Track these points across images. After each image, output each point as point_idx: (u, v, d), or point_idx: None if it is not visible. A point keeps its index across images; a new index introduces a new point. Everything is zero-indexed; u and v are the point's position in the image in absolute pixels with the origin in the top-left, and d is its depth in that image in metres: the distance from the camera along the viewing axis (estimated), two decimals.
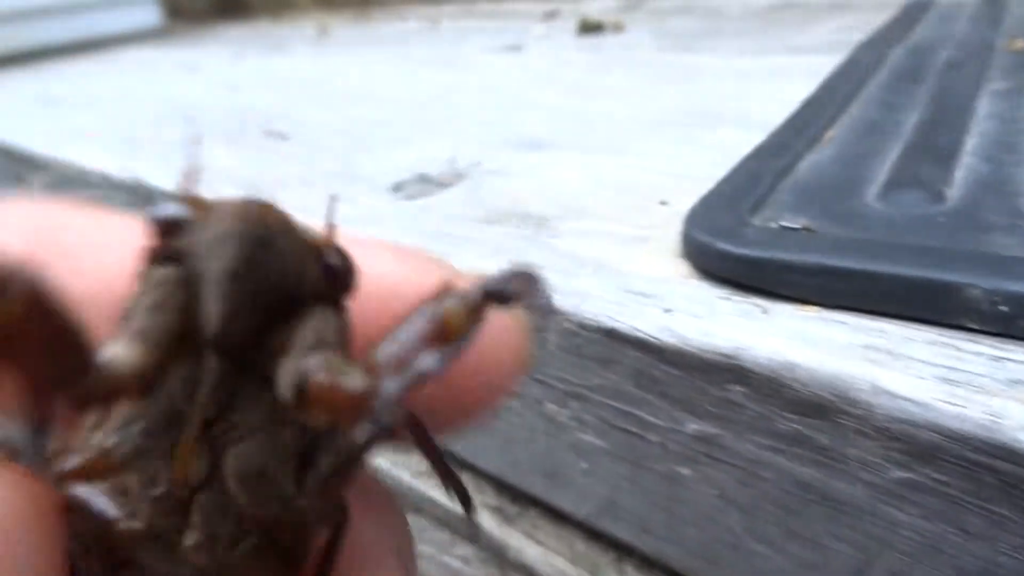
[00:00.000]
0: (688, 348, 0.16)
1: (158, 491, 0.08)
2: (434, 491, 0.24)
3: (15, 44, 0.75)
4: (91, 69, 0.68)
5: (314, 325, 0.08)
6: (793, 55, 0.38)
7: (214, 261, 0.08)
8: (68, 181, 0.38)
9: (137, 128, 0.41)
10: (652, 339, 0.16)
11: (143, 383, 0.08)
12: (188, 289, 0.08)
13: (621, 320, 0.17)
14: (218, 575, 0.09)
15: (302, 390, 0.08)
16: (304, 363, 0.08)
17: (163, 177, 0.31)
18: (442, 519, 0.25)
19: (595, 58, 0.45)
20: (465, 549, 0.24)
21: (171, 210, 0.08)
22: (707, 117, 0.30)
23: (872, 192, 0.19)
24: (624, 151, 0.27)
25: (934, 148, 0.21)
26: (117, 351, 0.08)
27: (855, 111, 0.26)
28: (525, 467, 0.21)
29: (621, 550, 0.20)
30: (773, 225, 0.18)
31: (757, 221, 0.18)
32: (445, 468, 0.11)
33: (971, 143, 0.21)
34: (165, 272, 0.08)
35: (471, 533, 0.18)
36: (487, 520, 0.23)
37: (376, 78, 0.47)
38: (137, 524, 0.08)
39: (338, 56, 0.59)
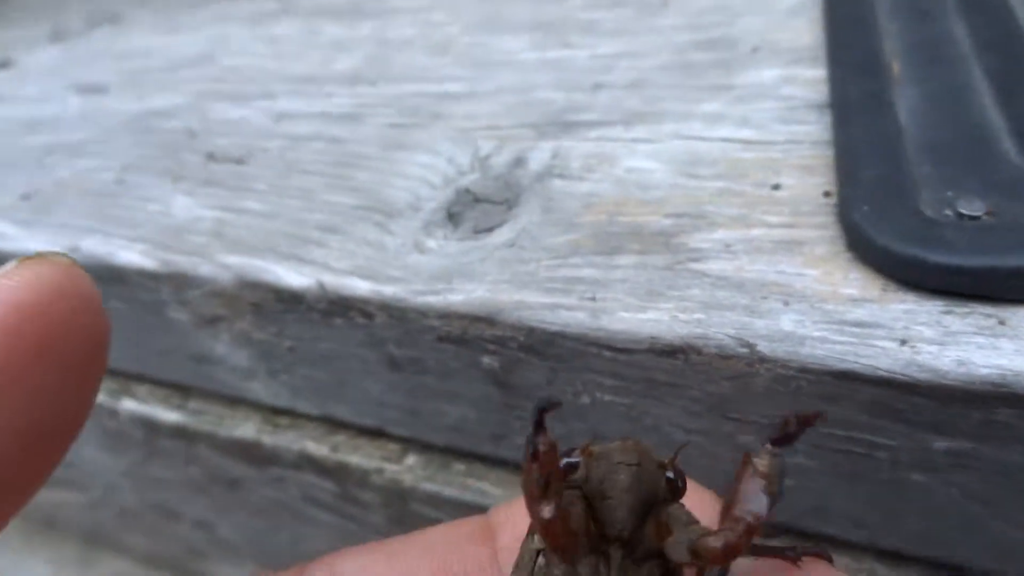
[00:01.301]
0: (945, 382, 0.15)
1: None
2: None
3: None
4: None
5: (679, 514, 0.12)
6: None
7: (617, 484, 0.12)
8: None
9: (19, 176, 0.34)
10: (900, 377, 0.16)
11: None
12: (589, 505, 0.12)
13: (856, 361, 0.16)
14: None
15: (696, 551, 0.11)
16: (690, 535, 0.11)
17: (134, 256, 0.26)
18: None
19: None
20: None
21: (572, 459, 0.12)
22: (720, 48, 0.28)
23: (1008, 147, 0.19)
24: (674, 117, 0.25)
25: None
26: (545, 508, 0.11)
27: (892, 28, 0.25)
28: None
29: (814, 538, 0.21)
30: (949, 213, 0.17)
31: (927, 210, 0.18)
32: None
33: None
34: (573, 496, 0.12)
35: None
36: None
37: (278, 50, 0.41)
38: None
39: (197, 22, 0.51)
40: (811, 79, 0.25)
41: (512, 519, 0.15)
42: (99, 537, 0.50)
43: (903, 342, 0.16)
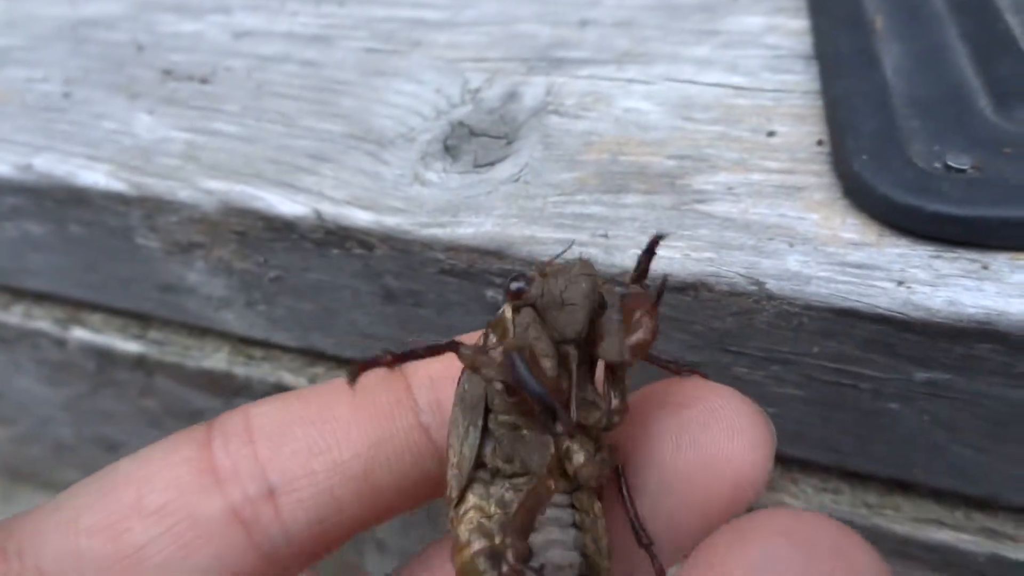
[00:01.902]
0: (936, 320, 0.17)
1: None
2: None
3: None
4: None
5: (611, 321, 0.14)
6: None
7: (579, 292, 0.13)
8: None
9: None
10: (897, 314, 0.17)
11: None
12: (545, 319, 0.14)
13: (858, 300, 0.17)
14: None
15: (631, 348, 0.13)
16: (620, 339, 0.13)
17: (74, 166, 0.24)
18: None
19: None
20: None
21: (523, 282, 0.14)
22: None
23: (984, 105, 0.20)
24: (665, 59, 0.25)
25: (1001, 38, 0.22)
26: (548, 364, 0.13)
27: None
28: None
29: (786, 462, 0.23)
30: (938, 165, 0.19)
31: (919, 162, 0.19)
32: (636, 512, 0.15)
33: None
34: (528, 313, 0.14)
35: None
36: None
37: None
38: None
39: None
40: (795, 29, 0.26)
41: (422, 363, 0.15)
42: (24, 473, 0.48)
43: (900, 283, 0.17)
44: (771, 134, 0.22)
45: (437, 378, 0.15)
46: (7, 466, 0.51)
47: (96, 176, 0.24)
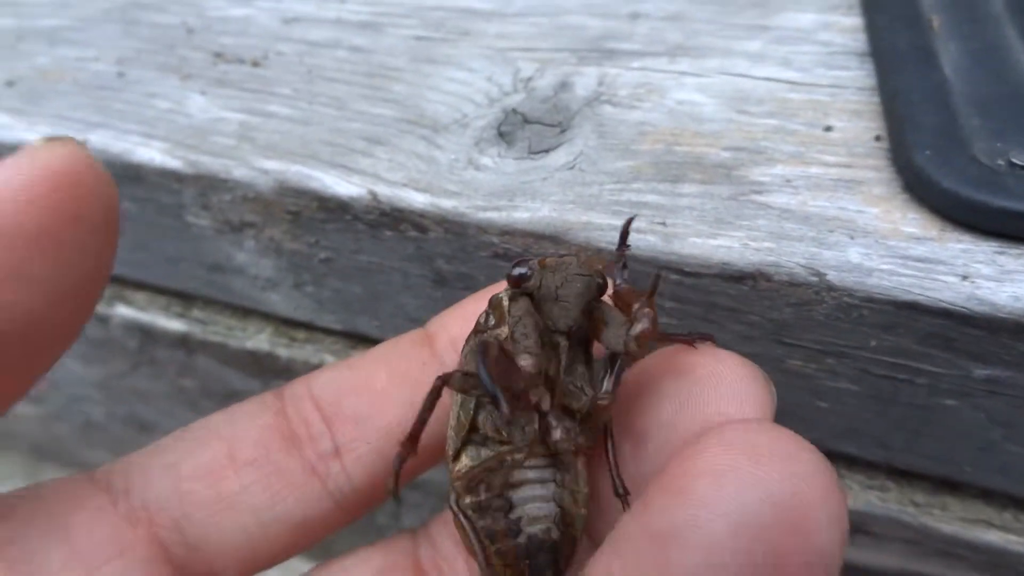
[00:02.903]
0: (1000, 315, 0.17)
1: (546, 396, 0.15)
2: None
3: None
4: None
5: (612, 313, 0.15)
6: None
7: (573, 291, 0.15)
8: None
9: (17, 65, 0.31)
10: (960, 309, 0.17)
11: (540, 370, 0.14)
12: (540, 309, 0.15)
13: (921, 293, 0.17)
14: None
15: (635, 338, 0.14)
16: (626, 329, 0.14)
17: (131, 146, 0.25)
18: None
19: None
20: None
21: (525, 268, 0.15)
22: None
23: None
24: (717, 53, 0.25)
25: None
26: (526, 362, 0.14)
27: None
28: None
29: (832, 457, 0.23)
30: (1001, 162, 0.19)
31: (983, 158, 0.19)
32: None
33: None
34: (524, 302, 0.15)
35: None
36: None
37: None
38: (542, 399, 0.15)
39: None
40: (848, 27, 0.26)
41: (445, 326, 0.18)
42: (51, 451, 0.49)
43: (964, 277, 0.17)
44: (828, 128, 0.22)
45: (457, 339, 0.17)
46: (33, 444, 0.51)
47: (152, 153, 0.25)
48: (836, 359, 0.19)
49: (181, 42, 0.31)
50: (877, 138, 0.21)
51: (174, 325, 0.30)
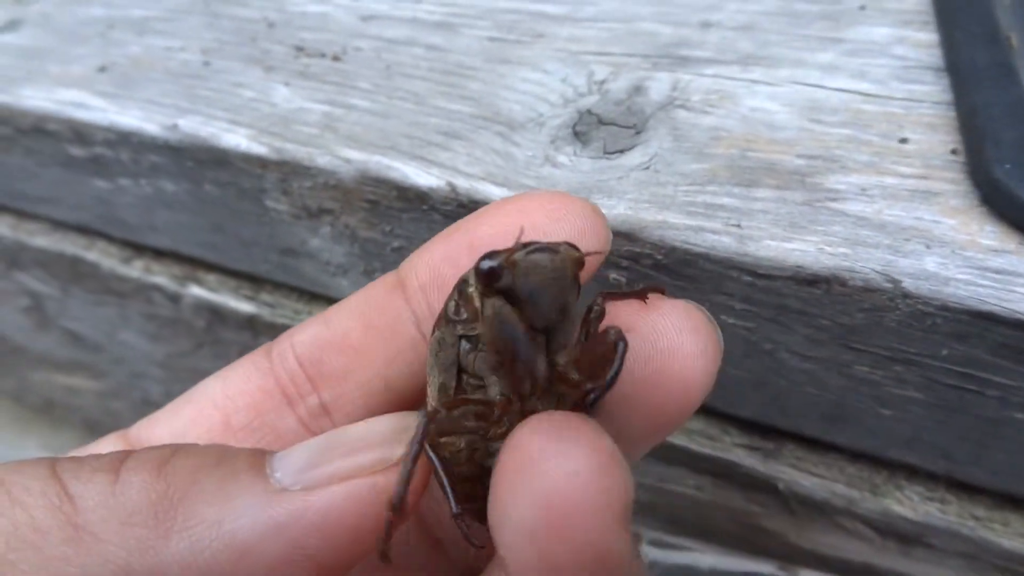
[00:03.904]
0: None
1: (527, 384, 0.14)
2: None
3: None
4: None
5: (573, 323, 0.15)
6: None
7: (547, 295, 0.13)
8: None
9: (88, 53, 0.33)
10: None
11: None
12: (517, 305, 0.14)
13: (998, 304, 0.17)
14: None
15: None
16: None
17: (218, 128, 0.26)
18: (667, 457, 0.26)
19: None
20: (699, 479, 0.26)
21: (495, 263, 0.13)
22: (825, 2, 0.29)
23: None
24: (789, 63, 0.26)
25: None
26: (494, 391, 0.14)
27: (1005, 1, 0.26)
28: (799, 412, 0.23)
29: (891, 467, 0.23)
30: None
31: None
32: None
33: None
34: (495, 303, 0.14)
35: None
36: (746, 457, 0.24)
37: None
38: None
39: None
40: (923, 42, 0.26)
41: (415, 269, 0.18)
42: (105, 428, 0.50)
43: None
44: (903, 140, 0.22)
45: (426, 285, 0.17)
46: (87, 420, 0.53)
47: (238, 139, 0.26)
48: (904, 366, 0.20)
49: (263, 35, 0.32)
50: (953, 151, 0.21)
51: (243, 307, 0.31)
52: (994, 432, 0.20)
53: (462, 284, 0.15)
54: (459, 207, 0.23)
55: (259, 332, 0.31)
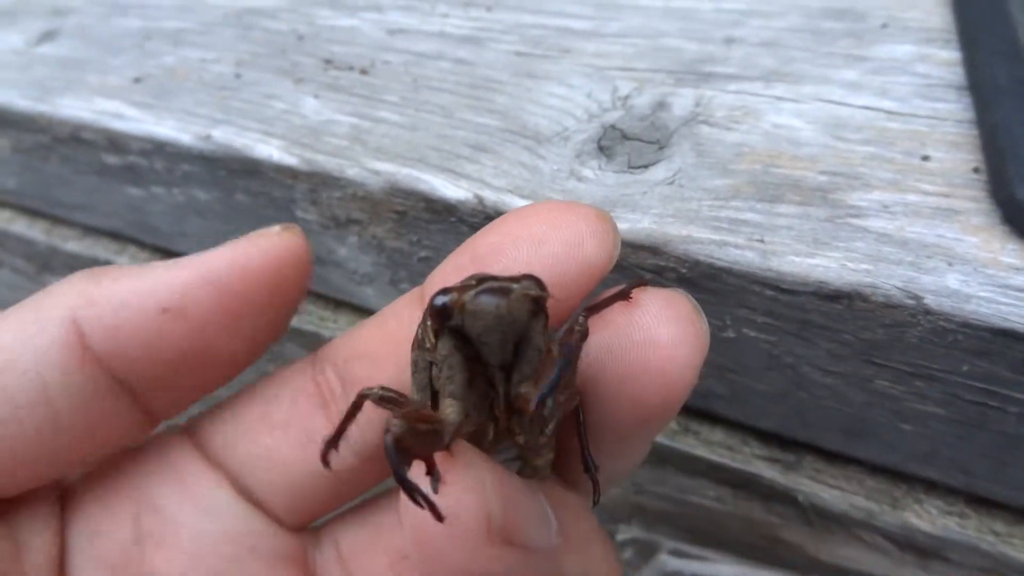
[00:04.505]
0: None
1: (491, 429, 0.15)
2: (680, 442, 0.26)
3: None
4: None
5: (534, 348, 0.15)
6: None
7: (493, 341, 0.14)
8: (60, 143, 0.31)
9: (125, 61, 0.33)
10: None
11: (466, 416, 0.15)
12: (470, 344, 0.14)
13: (1018, 321, 0.18)
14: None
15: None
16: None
17: (253, 141, 0.27)
18: (687, 468, 0.26)
19: None
20: (719, 490, 0.26)
21: (446, 300, 0.14)
22: (849, 19, 0.29)
23: None
24: (813, 80, 0.26)
25: None
26: (449, 413, 0.15)
27: (1020, 16, 0.26)
28: (820, 426, 0.23)
29: (910, 480, 0.23)
30: None
31: None
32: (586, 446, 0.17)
33: None
34: (449, 340, 0.14)
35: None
36: (766, 469, 0.24)
37: None
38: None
39: None
40: (945, 60, 0.26)
41: (431, 281, 0.19)
42: None
43: None
44: (925, 158, 0.22)
45: None
46: None
47: (270, 150, 0.27)
48: (925, 382, 0.20)
49: (292, 48, 0.33)
50: (975, 170, 0.22)
51: None
52: (1014, 448, 0.20)
53: (425, 314, 0.15)
54: (486, 219, 0.23)
55: (284, 337, 0.32)
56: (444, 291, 0.14)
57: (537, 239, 0.16)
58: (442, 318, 0.14)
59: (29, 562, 0.17)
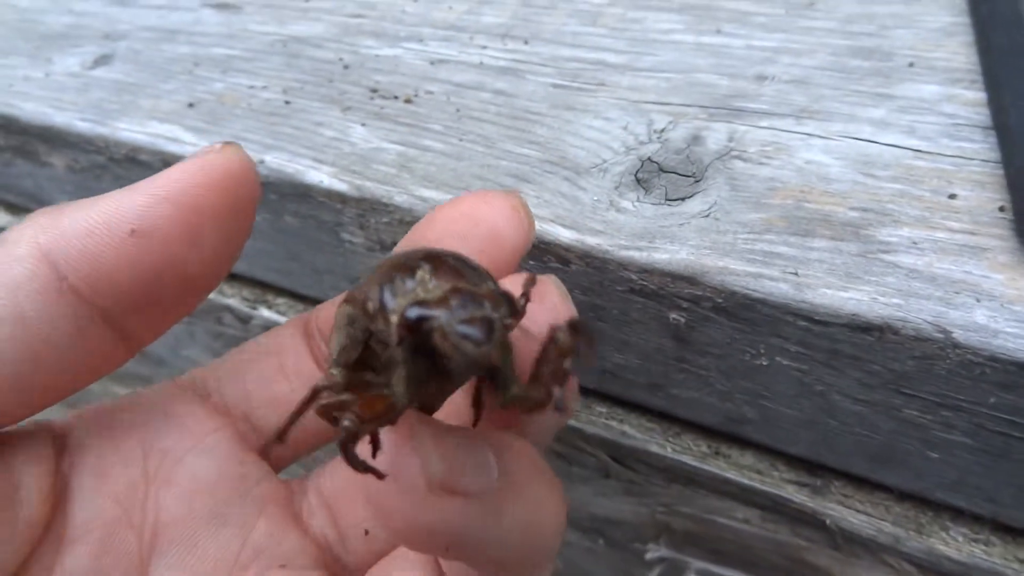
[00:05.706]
0: None
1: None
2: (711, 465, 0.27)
3: None
4: None
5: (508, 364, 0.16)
6: None
7: (465, 369, 0.14)
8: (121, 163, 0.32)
9: (178, 83, 0.35)
10: None
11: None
12: (440, 355, 0.13)
13: None
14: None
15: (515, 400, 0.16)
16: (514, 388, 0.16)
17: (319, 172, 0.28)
18: (717, 490, 0.27)
19: None
20: (747, 511, 0.27)
21: (422, 314, 0.13)
22: (876, 59, 0.30)
23: None
24: (842, 118, 0.27)
25: None
26: (399, 395, 0.15)
27: None
28: (848, 452, 0.24)
29: (937, 507, 0.24)
30: None
31: None
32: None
33: None
34: (412, 347, 0.14)
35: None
36: (794, 493, 0.25)
37: None
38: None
39: None
40: (972, 100, 0.27)
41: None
42: None
43: None
44: (952, 196, 0.23)
45: None
46: None
47: (321, 176, 0.28)
48: (952, 412, 0.21)
49: (339, 76, 0.34)
50: (1001, 208, 0.22)
51: None
52: None
53: (382, 298, 0.14)
54: (533, 249, 0.24)
55: None
56: (420, 303, 0.13)
57: (462, 234, 0.19)
58: (412, 333, 0.13)
59: (22, 499, 0.18)
